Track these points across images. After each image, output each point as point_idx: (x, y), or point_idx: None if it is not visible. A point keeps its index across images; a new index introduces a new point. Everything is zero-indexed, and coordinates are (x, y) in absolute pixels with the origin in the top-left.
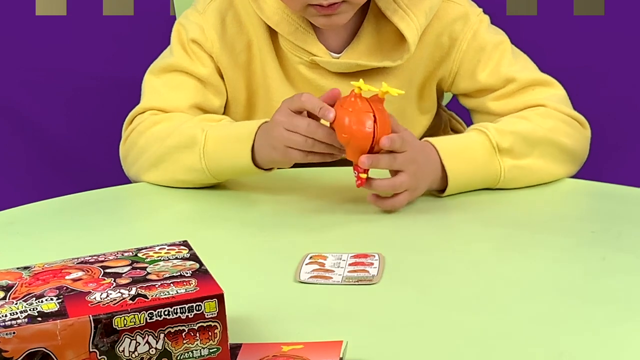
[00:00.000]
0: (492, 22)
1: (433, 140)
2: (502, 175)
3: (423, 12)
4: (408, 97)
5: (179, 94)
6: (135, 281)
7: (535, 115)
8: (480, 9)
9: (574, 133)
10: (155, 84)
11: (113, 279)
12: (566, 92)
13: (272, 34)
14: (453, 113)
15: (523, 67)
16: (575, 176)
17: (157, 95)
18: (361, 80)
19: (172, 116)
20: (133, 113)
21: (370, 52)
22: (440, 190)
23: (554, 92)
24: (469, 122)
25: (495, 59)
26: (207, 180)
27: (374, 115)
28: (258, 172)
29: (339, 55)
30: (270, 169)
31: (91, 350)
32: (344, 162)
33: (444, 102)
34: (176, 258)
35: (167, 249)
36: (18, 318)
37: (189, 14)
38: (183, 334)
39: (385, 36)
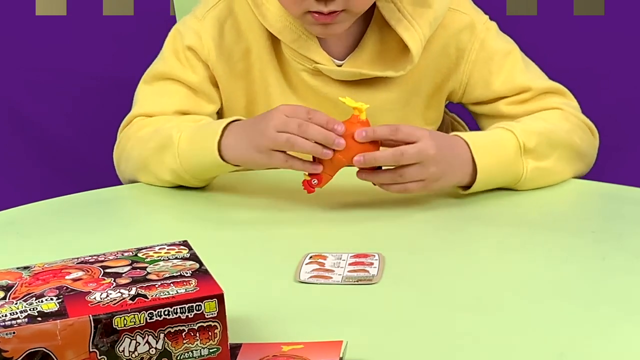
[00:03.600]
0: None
1: (464, 135)
2: (524, 176)
3: (428, 22)
4: (413, 107)
5: (166, 100)
6: (135, 281)
7: (553, 118)
8: (487, 16)
9: (587, 137)
10: (146, 92)
11: (113, 279)
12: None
13: (274, 41)
14: (455, 115)
15: (536, 75)
16: (576, 176)
17: (145, 102)
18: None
19: (157, 120)
20: (124, 122)
21: (373, 61)
22: (465, 186)
23: (567, 101)
24: (472, 125)
25: (507, 68)
26: (188, 180)
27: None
28: (226, 167)
29: (342, 62)
30: (237, 165)
31: (91, 350)
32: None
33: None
34: (176, 258)
35: (167, 249)
36: (18, 318)
37: (187, 20)
38: (183, 334)
39: (389, 45)
